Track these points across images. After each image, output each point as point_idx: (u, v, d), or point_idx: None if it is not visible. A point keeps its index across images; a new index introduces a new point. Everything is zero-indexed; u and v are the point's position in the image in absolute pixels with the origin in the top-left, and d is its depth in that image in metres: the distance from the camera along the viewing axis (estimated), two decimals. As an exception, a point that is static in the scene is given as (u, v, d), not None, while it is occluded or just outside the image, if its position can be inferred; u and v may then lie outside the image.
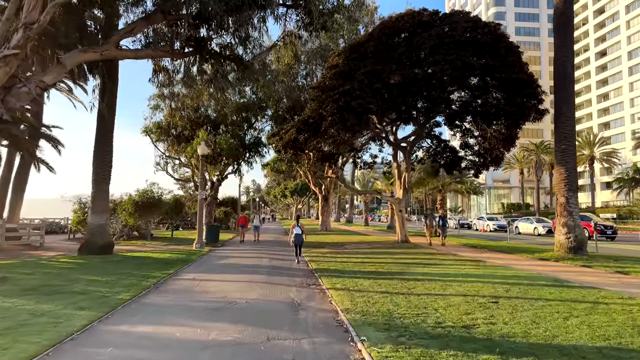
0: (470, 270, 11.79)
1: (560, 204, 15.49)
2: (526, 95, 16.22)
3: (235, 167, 32.35)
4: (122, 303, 7.85)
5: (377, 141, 25.83)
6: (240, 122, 31.59)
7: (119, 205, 24.32)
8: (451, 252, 17.12)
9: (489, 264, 13.34)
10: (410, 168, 21.59)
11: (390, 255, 15.92)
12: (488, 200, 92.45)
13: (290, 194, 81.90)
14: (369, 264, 13.39)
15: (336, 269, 12.32)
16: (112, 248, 15.77)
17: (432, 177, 26.42)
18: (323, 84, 18.81)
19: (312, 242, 22.56)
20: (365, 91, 15.71)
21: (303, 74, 31.31)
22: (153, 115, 31.12)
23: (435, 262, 13.78)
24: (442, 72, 15.12)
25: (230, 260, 15.03)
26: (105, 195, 15.62)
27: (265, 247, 19.96)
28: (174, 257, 15.51)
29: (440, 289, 9.03)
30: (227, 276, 11.20)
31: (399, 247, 19.18)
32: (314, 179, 36.80)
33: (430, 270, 11.79)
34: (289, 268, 12.81)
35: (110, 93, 15.36)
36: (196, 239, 19.22)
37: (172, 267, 12.78)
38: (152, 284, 9.88)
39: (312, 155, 23.07)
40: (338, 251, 17.90)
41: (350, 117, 15.64)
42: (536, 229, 32.69)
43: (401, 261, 14.00)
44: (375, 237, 26.63)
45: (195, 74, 13.83)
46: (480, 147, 21.18)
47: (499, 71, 16.29)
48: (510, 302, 7.69)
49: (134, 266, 12.87)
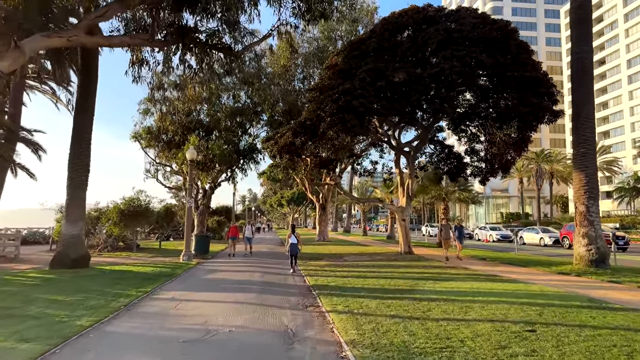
0: (488, 287, 10.43)
1: (580, 212, 14.20)
2: (541, 95, 15.02)
3: (229, 174, 30.99)
4: (79, 332, 6.45)
5: (377, 147, 24.57)
6: (235, 128, 30.31)
7: (104, 214, 22.87)
8: (460, 265, 15.77)
9: (505, 278, 11.98)
10: (414, 174, 20.30)
11: (394, 268, 14.54)
12: (486, 210, 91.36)
13: (286, 203, 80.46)
14: (373, 279, 12.02)
15: (336, 285, 10.94)
16: (88, 261, 14.32)
17: (434, 184, 25.12)
18: (321, 84, 17.58)
19: (309, 254, 21.14)
20: (367, 90, 14.47)
21: (300, 77, 30.13)
22: (143, 120, 29.80)
23: (447, 277, 12.41)
24: (451, 69, 13.90)
25: (218, 274, 13.60)
26: (81, 202, 14.19)
27: (258, 260, 18.53)
28: (157, 271, 14.08)
29: (460, 311, 7.67)
30: (212, 295, 9.78)
31: (403, 259, 17.80)
32: (311, 187, 35.43)
33: (443, 287, 10.43)
34: (284, 284, 11.41)
35: (87, 87, 14.03)
36: (184, 251, 17.80)
37: (152, 283, 11.36)
38: (124, 305, 8.48)
39: (310, 161, 21.77)
40: (337, 264, 16.52)
41: (351, 118, 14.36)
42: (542, 239, 31.38)
43: (408, 276, 12.62)
44: (376, 248, 25.23)
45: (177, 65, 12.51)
46: (488, 153, 19.94)
47: (511, 69, 15.10)
48: (550, 330, 6.34)
49: (109, 282, 11.44)
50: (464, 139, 21.89)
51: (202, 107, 29.86)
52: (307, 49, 28.29)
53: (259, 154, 30.28)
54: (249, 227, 21.61)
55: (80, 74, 13.69)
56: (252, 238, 21.22)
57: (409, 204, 19.83)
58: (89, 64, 13.81)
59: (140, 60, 13.12)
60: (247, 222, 22.81)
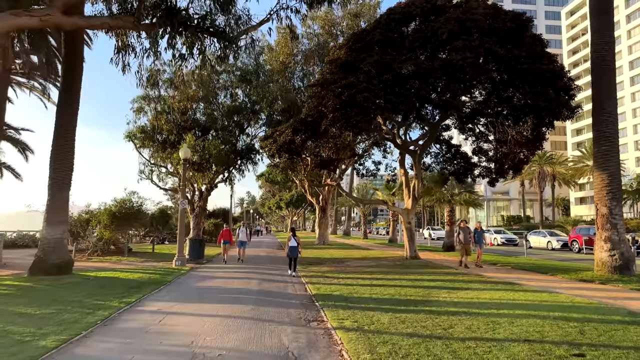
0: (511, 298, 9.40)
1: (601, 215, 13.19)
2: (558, 89, 14.03)
3: (226, 175, 29.92)
4: (39, 356, 5.40)
5: (380, 146, 23.57)
6: (232, 128, 29.29)
7: (94, 216, 21.81)
8: (472, 271, 14.74)
9: (526, 287, 10.95)
10: (420, 175, 19.27)
11: (402, 275, 13.50)
12: (487, 213, 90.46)
13: (285, 206, 79.43)
14: (381, 287, 10.99)
15: (341, 294, 9.90)
16: (71, 266, 13.22)
17: (439, 186, 24.09)
18: (323, 79, 16.57)
19: (310, 258, 20.10)
20: (373, 83, 13.46)
21: (300, 75, 29.12)
22: (137, 119, 28.69)
23: (461, 285, 11.38)
24: (463, 60, 12.91)
25: (212, 282, 12.54)
26: (64, 203, 13.12)
27: (255, 266, 17.48)
28: (145, 277, 13.01)
29: (487, 328, 6.64)
30: (203, 307, 8.72)
31: (410, 264, 16.75)
32: (311, 189, 34.39)
33: (460, 298, 9.39)
34: (283, 294, 10.36)
35: (71, 76, 12.99)
36: (176, 255, 16.74)
37: (139, 292, 10.31)
38: (101, 319, 7.43)
39: (310, 160, 20.74)
40: (340, 269, 15.47)
41: (355, 114, 13.35)
42: (549, 243, 30.40)
43: (419, 284, 11.59)
44: (379, 252, 24.18)
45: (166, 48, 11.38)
46: (498, 152, 18.93)
47: (526, 62, 14.13)
48: (602, 355, 5.31)
49: (91, 291, 10.37)
50: (472, 138, 20.90)
51: (199, 106, 28.84)
52: (308, 45, 27.34)
53: (257, 154, 29.22)
54: (243, 229, 18.53)
55: (64, 62, 12.68)
56: (246, 242, 18.57)
57: (414, 206, 18.80)
58: (73, 48, 12.75)
59: (126, 46, 12.04)
60: (241, 224, 19.83)
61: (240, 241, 18.15)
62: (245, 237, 18.35)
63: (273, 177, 71.19)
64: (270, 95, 24.97)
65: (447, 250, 23.86)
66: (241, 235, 18.22)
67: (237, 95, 29.18)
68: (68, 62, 13.10)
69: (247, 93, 27.66)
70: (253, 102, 27.70)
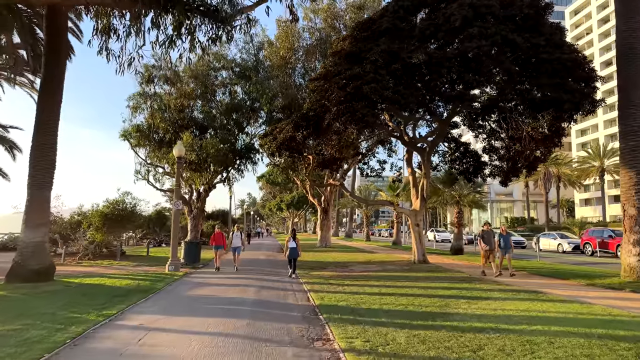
0: (540, 309, 8.32)
1: (629, 216, 12.12)
2: (581, 80, 12.97)
3: (224, 175, 28.89)
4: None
5: (385, 145, 22.51)
6: (231, 127, 28.26)
7: (85, 218, 20.80)
8: (487, 278, 13.66)
9: (553, 297, 9.87)
10: (429, 173, 18.22)
11: (413, 282, 12.43)
12: (490, 214, 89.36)
13: (286, 207, 78.35)
14: (391, 296, 9.93)
15: (348, 305, 8.85)
16: (52, 273, 12.17)
17: (447, 186, 23.05)
18: (325, 71, 15.54)
19: (312, 262, 19.05)
20: (380, 74, 12.43)
21: (301, 72, 28.09)
22: (133, 117, 27.67)
23: (480, 294, 10.31)
24: (478, 49, 11.88)
25: (205, 289, 11.48)
26: (44, 204, 12.07)
27: (254, 270, 16.43)
28: (134, 284, 11.97)
29: (524, 350, 5.59)
30: (192, 321, 7.66)
31: (419, 269, 15.68)
32: (312, 190, 33.34)
33: (482, 309, 8.33)
34: (283, 304, 9.29)
35: (53, 64, 11.99)
36: (170, 260, 15.71)
37: (122, 302, 9.27)
38: (71, 337, 6.39)
39: (312, 159, 19.70)
40: (344, 274, 14.42)
41: (361, 106, 12.31)
42: (560, 246, 29.23)
43: (433, 292, 10.53)
44: (384, 256, 23.11)
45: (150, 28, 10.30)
46: (510, 150, 17.88)
47: (545, 51, 13.07)
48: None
49: (69, 301, 9.34)
50: (482, 136, 19.86)
51: (196, 104, 27.83)
52: (309, 40, 26.31)
53: (256, 153, 28.21)
54: (238, 234, 16.36)
55: (46, 47, 11.71)
56: (240, 248, 16.28)
57: (423, 207, 17.73)
58: (55, 31, 11.74)
59: (108, 28, 10.98)
60: (235, 228, 17.18)
61: (234, 247, 16.02)
62: (239, 242, 16.28)
63: (274, 179, 70.23)
64: (270, 92, 23.93)
65: (455, 253, 22.78)
66: (235, 240, 16.08)
67: (237, 93, 28.17)
68: (50, 47, 12.09)
69: (246, 90, 26.65)
70: (252, 99, 26.69)
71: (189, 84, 26.76)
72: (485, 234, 14.27)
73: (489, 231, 14.38)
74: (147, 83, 25.45)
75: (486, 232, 14.29)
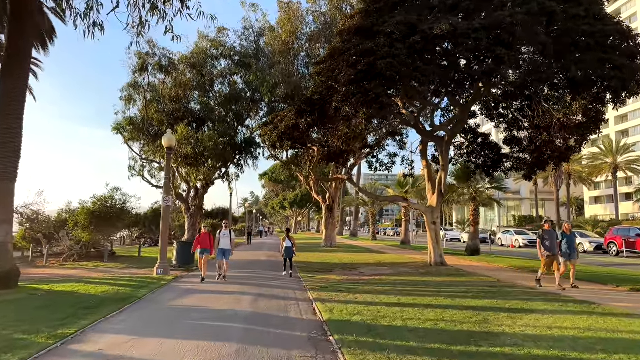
0: (605, 328, 6.62)
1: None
2: (629, 56, 11.22)
3: (223, 171, 27.27)
4: None
5: (396, 137, 20.81)
6: (231, 120, 26.61)
7: (72, 216, 19.21)
8: (516, 281, 11.95)
9: (611, 309, 8.15)
10: (447, 165, 16.50)
11: (435, 289, 10.72)
12: (498, 213, 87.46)
13: (289, 206, 76.88)
14: (414, 307, 8.23)
15: (364, 321, 7.18)
16: (16, 278, 10.49)
17: (462, 182, 21.33)
18: (333, 49, 13.83)
19: (316, 264, 17.41)
20: (397, 47, 10.73)
21: (304, 61, 26.37)
22: (127, 109, 26.05)
23: (519, 304, 8.57)
24: (512, 17, 10.18)
25: (193, 298, 9.82)
26: (7, 198, 10.40)
27: (252, 274, 14.81)
28: (112, 291, 10.34)
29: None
30: (166, 345, 5.99)
31: (437, 273, 13.95)
32: (317, 187, 31.64)
33: (533, 327, 6.62)
34: (284, 320, 7.60)
35: (16, 41, 10.37)
36: (158, 262, 14.08)
37: (90, 314, 7.66)
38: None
39: (317, 151, 18.01)
40: (354, 279, 12.73)
41: (375, 85, 10.61)
42: (581, 245, 27.45)
43: (462, 302, 8.81)
44: (394, 257, 21.40)
45: None
46: (536, 140, 16.15)
47: (585, 23, 11.35)
48: None
49: (25, 315, 7.72)
50: (503, 126, 18.15)
51: (193, 94, 26.21)
52: (314, 26, 24.58)
53: (257, 148, 26.57)
54: (226, 233, 12.53)
55: (9, 19, 10.12)
56: (229, 251, 12.49)
57: (440, 203, 15.99)
58: (19, 4, 10.12)
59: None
60: (223, 226, 12.98)
61: (221, 250, 12.35)
62: (228, 243, 12.47)
63: (277, 176, 68.78)
64: (272, 80, 22.23)
65: (471, 254, 21.06)
66: (222, 241, 12.38)
67: (236, 84, 26.51)
68: (14, 15, 10.46)
69: (246, 80, 24.98)
70: (253, 90, 25.01)
71: (185, 74, 25.14)
72: (547, 234, 10.87)
73: (552, 231, 10.94)
74: (141, 72, 23.84)
75: (547, 233, 10.89)
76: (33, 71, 19.96)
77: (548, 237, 10.81)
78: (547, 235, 10.83)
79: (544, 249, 10.74)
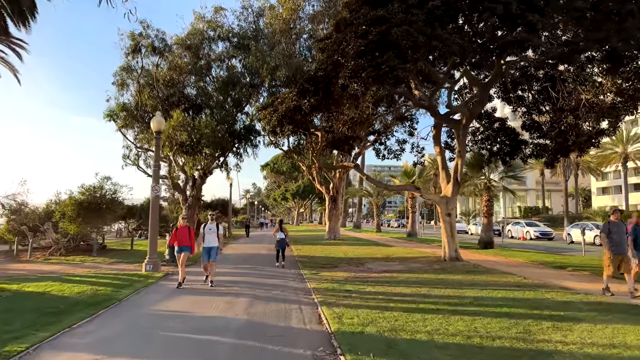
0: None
1: None
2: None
3: (221, 160, 25.98)
4: None
5: (405, 122, 19.44)
6: (229, 107, 25.23)
7: (58, 207, 18.00)
8: (545, 279, 10.67)
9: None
10: (465, 151, 15.15)
11: (456, 290, 9.44)
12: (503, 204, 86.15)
13: (291, 197, 75.70)
14: (437, 313, 6.95)
15: (380, 333, 5.92)
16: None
17: (476, 170, 20.02)
18: (339, 22, 12.43)
19: (320, 258, 16.20)
20: (413, 13, 9.37)
21: (307, 44, 24.93)
22: (120, 94, 24.66)
23: (560, 309, 7.30)
24: (547, -23, 8.81)
25: (181, 301, 8.56)
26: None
27: (250, 269, 13.60)
28: (90, 291, 9.12)
29: None
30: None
31: (454, 269, 12.65)
32: (320, 177, 30.34)
33: (588, 342, 5.35)
34: (284, 329, 6.34)
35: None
36: (147, 257, 12.86)
37: (53, 324, 6.45)
38: None
39: (320, 136, 16.69)
40: (362, 276, 11.47)
41: (389, 57, 9.25)
42: (597, 237, 26.13)
43: (491, 308, 7.52)
44: (403, 250, 20.13)
45: None
46: (560, 124, 14.77)
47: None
48: None
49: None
50: (522, 110, 16.80)
51: (189, 79, 24.81)
52: (316, 3, 23.13)
53: (257, 135, 25.22)
54: (212, 226, 10.25)
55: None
56: (215, 249, 10.11)
57: (455, 193, 14.66)
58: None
59: None
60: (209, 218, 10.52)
61: (205, 249, 10.07)
62: (215, 240, 10.09)
63: (278, 167, 67.44)
64: (272, 61, 20.81)
65: (484, 247, 19.77)
66: (207, 237, 10.06)
67: (235, 68, 25.10)
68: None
69: (245, 63, 23.56)
70: (252, 74, 23.59)
71: (180, 57, 23.74)
72: (614, 227, 8.66)
73: (620, 222, 8.77)
74: (134, 54, 22.44)
75: (615, 225, 8.69)
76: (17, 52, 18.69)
77: (616, 230, 8.62)
78: (615, 228, 8.63)
79: (611, 246, 8.58)
